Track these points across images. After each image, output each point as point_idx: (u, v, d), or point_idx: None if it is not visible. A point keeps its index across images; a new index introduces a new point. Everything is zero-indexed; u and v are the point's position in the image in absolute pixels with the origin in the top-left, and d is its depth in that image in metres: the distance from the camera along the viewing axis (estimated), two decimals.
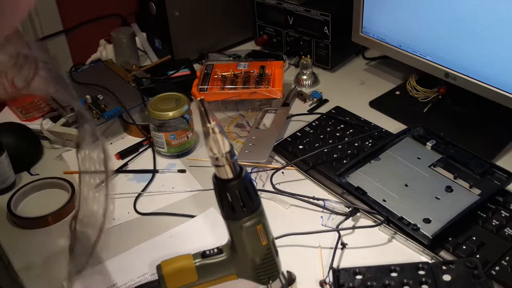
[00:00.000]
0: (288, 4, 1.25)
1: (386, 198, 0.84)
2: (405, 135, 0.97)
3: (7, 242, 0.85)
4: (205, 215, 0.87)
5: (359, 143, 0.98)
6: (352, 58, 1.32)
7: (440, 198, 0.83)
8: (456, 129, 1.03)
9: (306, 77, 1.21)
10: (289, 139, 1.02)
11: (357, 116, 1.07)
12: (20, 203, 0.92)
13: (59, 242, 0.84)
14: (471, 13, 0.92)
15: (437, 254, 0.76)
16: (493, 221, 0.79)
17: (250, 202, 0.58)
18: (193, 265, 0.62)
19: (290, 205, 0.89)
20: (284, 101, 1.12)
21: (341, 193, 0.89)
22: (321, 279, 0.75)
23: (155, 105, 0.98)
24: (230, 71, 1.17)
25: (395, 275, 0.71)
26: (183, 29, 1.28)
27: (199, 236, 0.83)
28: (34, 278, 0.79)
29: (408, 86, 1.16)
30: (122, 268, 0.78)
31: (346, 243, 0.80)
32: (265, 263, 0.62)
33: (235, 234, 0.60)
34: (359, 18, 1.14)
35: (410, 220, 0.79)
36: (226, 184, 0.57)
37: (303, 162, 0.95)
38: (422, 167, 0.89)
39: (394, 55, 1.12)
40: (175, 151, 1.00)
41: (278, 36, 1.32)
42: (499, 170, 0.87)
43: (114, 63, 1.24)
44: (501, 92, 0.92)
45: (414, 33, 1.05)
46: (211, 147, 0.55)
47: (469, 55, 0.96)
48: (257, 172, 0.96)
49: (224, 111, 1.13)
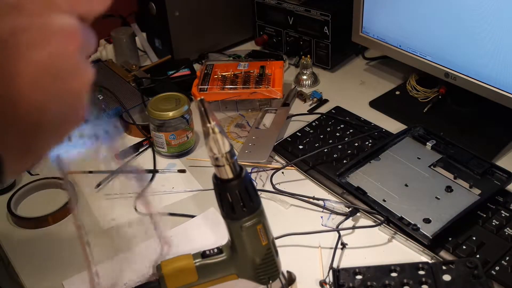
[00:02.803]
0: (288, 4, 1.25)
1: (386, 198, 0.84)
2: (405, 135, 0.97)
3: (7, 242, 0.85)
4: (205, 215, 0.87)
5: (359, 143, 0.98)
6: (352, 58, 1.32)
7: (440, 198, 0.83)
8: (456, 129, 1.03)
9: (306, 77, 1.21)
10: (289, 139, 1.02)
11: (357, 116, 1.06)
12: (20, 203, 0.92)
13: (59, 242, 0.84)
14: (471, 13, 0.92)
15: (437, 254, 0.76)
16: (493, 221, 0.79)
17: (250, 202, 0.58)
18: (193, 265, 0.62)
19: (290, 205, 0.89)
20: (284, 101, 1.12)
21: (341, 193, 0.89)
22: (321, 279, 0.75)
23: (155, 105, 0.98)
24: (230, 71, 1.17)
25: (395, 275, 0.71)
26: (183, 29, 1.28)
27: (199, 236, 0.83)
28: (34, 278, 0.79)
29: (408, 86, 1.16)
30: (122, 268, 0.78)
31: (346, 243, 0.80)
32: (265, 263, 0.62)
33: (235, 234, 0.60)
34: (359, 18, 1.14)
35: (410, 220, 0.79)
36: (226, 184, 0.57)
37: (303, 162, 0.95)
38: (422, 167, 0.89)
39: (394, 55, 1.12)
40: (175, 151, 1.00)
41: (278, 36, 1.32)
42: (499, 170, 0.87)
43: (114, 63, 1.24)
44: (501, 92, 0.92)
45: (414, 33, 1.05)
46: (211, 147, 0.55)
47: (469, 55, 0.96)
48: (257, 172, 0.96)
49: (224, 111, 1.13)
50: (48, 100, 0.34)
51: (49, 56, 0.34)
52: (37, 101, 0.34)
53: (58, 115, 0.36)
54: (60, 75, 0.35)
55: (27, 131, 0.34)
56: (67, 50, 0.35)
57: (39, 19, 0.34)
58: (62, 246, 0.84)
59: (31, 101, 0.33)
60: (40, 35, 0.34)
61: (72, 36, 0.35)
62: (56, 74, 0.34)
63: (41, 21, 0.34)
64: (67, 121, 0.37)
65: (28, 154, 0.36)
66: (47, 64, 0.34)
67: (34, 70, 0.33)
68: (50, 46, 0.34)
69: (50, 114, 0.35)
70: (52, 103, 0.35)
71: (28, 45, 0.33)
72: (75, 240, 0.85)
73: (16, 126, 0.33)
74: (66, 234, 0.86)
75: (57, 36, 0.35)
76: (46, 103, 0.34)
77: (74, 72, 0.36)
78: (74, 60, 0.35)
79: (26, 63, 0.33)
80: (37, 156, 0.37)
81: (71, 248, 0.83)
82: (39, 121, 0.34)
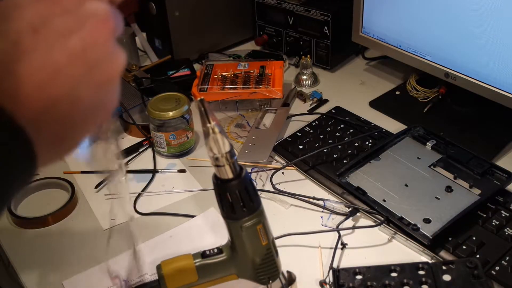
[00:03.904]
0: (288, 4, 1.25)
1: (386, 198, 0.84)
2: (405, 135, 0.97)
3: (7, 242, 0.85)
4: (205, 215, 0.87)
5: (359, 143, 0.98)
6: (352, 58, 1.32)
7: (440, 198, 0.83)
8: (456, 129, 1.03)
9: (306, 77, 1.21)
10: (289, 139, 1.02)
11: (357, 116, 1.06)
12: (20, 203, 0.92)
13: (59, 242, 0.85)
14: (471, 13, 0.92)
15: (437, 254, 0.76)
16: (493, 221, 0.79)
17: (250, 202, 0.58)
18: (193, 265, 0.62)
19: (290, 205, 0.89)
20: (284, 101, 1.12)
21: (341, 193, 0.89)
22: (321, 279, 0.75)
23: (155, 105, 0.98)
24: (230, 71, 1.17)
25: (395, 275, 0.71)
26: (183, 29, 1.28)
27: (199, 236, 0.83)
28: (34, 278, 0.79)
29: (408, 86, 1.16)
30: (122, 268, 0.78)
31: (346, 243, 0.80)
32: (265, 263, 0.62)
33: (235, 234, 0.60)
34: (359, 18, 1.14)
35: (410, 220, 0.79)
36: (226, 184, 0.57)
37: (303, 162, 0.95)
38: (422, 167, 0.89)
39: (394, 55, 1.12)
40: (175, 151, 1.00)
41: (278, 36, 1.32)
42: (499, 170, 0.87)
43: None
44: (501, 92, 0.92)
45: (414, 33, 1.05)
46: (211, 147, 0.55)
47: (469, 55, 0.96)
48: (257, 172, 0.96)
49: (224, 111, 1.13)
50: (82, 88, 0.33)
51: (83, 43, 0.33)
52: (71, 89, 0.33)
53: (92, 102, 0.35)
54: (94, 62, 0.34)
55: (60, 119, 0.33)
56: (101, 35, 0.34)
57: (71, 5, 0.33)
58: (62, 246, 0.84)
59: (65, 89, 0.32)
60: (73, 22, 0.33)
61: (105, 21, 0.34)
62: (90, 61, 0.34)
63: (73, 7, 0.33)
64: (100, 108, 0.36)
65: (62, 144, 0.35)
66: (81, 51, 0.33)
67: (68, 58, 0.32)
68: (83, 33, 0.33)
69: (84, 102, 0.34)
70: (85, 91, 0.34)
71: (61, 32, 0.32)
72: (75, 240, 0.85)
73: (49, 115, 0.32)
74: (66, 234, 0.86)
75: (90, 21, 0.34)
76: (80, 91, 0.33)
77: (107, 58, 0.35)
78: (107, 45, 0.35)
79: (60, 51, 0.32)
80: (70, 146, 0.36)
81: (71, 248, 0.83)
82: (72, 110, 0.33)
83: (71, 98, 0.33)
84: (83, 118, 0.35)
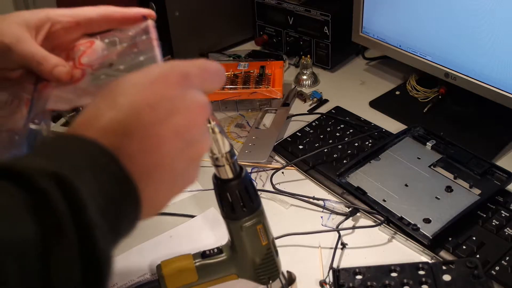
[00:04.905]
0: (288, 4, 1.25)
1: (386, 198, 0.84)
2: (405, 135, 0.97)
3: None
4: (205, 215, 0.87)
5: (359, 143, 0.98)
6: (352, 58, 1.32)
7: (440, 198, 0.83)
8: (456, 129, 1.03)
9: (306, 77, 1.21)
10: (289, 139, 1.02)
11: (357, 116, 1.06)
12: None
13: None
14: (471, 13, 0.92)
15: (437, 254, 0.76)
16: (493, 221, 0.79)
17: (250, 202, 0.58)
18: (193, 265, 0.62)
19: (290, 205, 0.89)
20: (284, 101, 1.12)
21: (341, 193, 0.89)
22: (321, 279, 0.75)
23: None
24: (230, 71, 1.17)
25: (395, 275, 0.71)
26: (183, 29, 1.28)
27: (199, 236, 0.83)
28: None
29: (408, 86, 1.16)
30: (122, 268, 0.78)
31: (346, 243, 0.80)
32: (265, 263, 0.62)
33: (235, 234, 0.60)
34: (359, 18, 1.14)
35: (410, 220, 0.79)
36: (226, 184, 0.57)
37: (303, 162, 0.95)
38: (422, 167, 0.89)
39: (394, 55, 1.12)
40: None
41: (278, 36, 1.32)
42: (499, 170, 0.87)
43: None
44: (501, 92, 0.92)
45: (414, 33, 1.05)
46: (211, 147, 0.55)
47: (469, 55, 0.96)
48: (257, 172, 0.96)
49: (224, 111, 1.13)
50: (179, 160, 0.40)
51: (186, 122, 0.40)
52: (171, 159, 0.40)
53: (182, 173, 0.42)
54: (192, 140, 0.41)
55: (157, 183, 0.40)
56: (199, 119, 0.42)
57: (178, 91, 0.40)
58: None
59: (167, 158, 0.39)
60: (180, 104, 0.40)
61: (203, 108, 0.42)
62: (189, 138, 0.41)
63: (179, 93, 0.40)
64: (185, 180, 0.43)
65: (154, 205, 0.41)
66: (184, 129, 0.40)
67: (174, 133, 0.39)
68: (187, 114, 0.40)
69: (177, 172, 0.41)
70: (181, 163, 0.41)
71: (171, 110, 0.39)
72: None
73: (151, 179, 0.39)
74: None
75: (194, 106, 0.41)
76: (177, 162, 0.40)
77: (201, 139, 0.42)
78: (202, 129, 0.42)
79: (168, 125, 0.39)
80: (158, 208, 0.42)
81: None
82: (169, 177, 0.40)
83: (170, 167, 0.40)
84: (173, 186, 0.42)
